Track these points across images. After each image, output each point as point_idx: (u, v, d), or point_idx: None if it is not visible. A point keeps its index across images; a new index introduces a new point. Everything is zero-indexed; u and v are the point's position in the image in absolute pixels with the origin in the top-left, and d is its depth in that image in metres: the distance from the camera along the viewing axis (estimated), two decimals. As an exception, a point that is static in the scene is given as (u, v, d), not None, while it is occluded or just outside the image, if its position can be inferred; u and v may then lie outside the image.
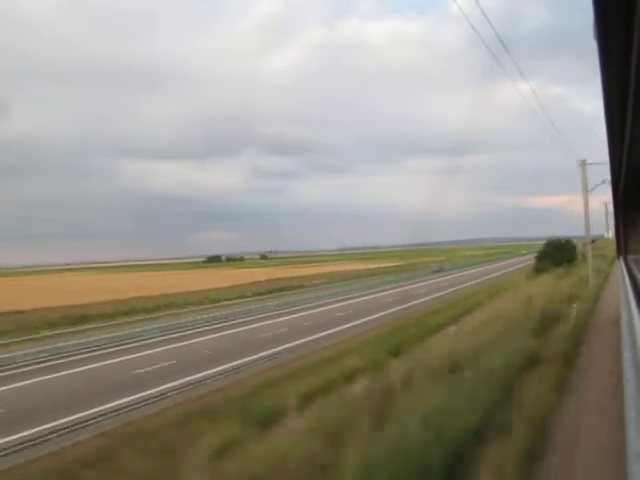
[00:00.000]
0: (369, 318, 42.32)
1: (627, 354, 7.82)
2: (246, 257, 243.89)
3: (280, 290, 75.57)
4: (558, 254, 58.87)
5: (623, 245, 46.26)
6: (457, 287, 64.84)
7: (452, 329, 26.08)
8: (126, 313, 56.69)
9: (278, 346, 32.58)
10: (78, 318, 52.50)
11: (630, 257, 37.84)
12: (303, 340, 34.33)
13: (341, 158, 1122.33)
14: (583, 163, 31.20)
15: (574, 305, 19.83)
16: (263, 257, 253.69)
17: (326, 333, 36.54)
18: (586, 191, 30.76)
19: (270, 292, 73.84)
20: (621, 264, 31.66)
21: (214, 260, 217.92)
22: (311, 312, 49.15)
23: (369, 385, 11.53)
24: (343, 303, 54.67)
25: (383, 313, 44.27)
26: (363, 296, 61.23)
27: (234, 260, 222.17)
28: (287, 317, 46.82)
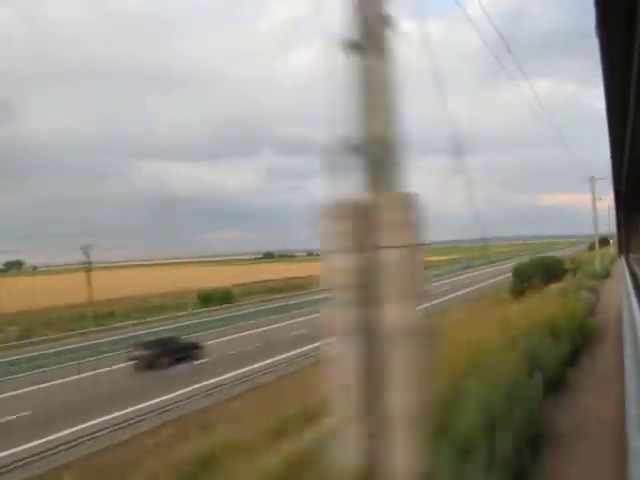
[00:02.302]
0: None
1: (628, 351, 7.33)
2: (296, 254, 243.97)
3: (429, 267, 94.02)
4: (601, 242, 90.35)
5: (625, 244, 44.39)
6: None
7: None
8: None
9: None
10: (277, 290, 64.10)
11: (632, 256, 36.11)
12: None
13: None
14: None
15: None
16: (310, 254, 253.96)
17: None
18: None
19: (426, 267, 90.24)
20: (623, 263, 29.95)
21: (269, 256, 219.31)
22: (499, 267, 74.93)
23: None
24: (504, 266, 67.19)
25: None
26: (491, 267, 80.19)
27: (286, 256, 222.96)
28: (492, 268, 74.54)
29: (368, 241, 3.44)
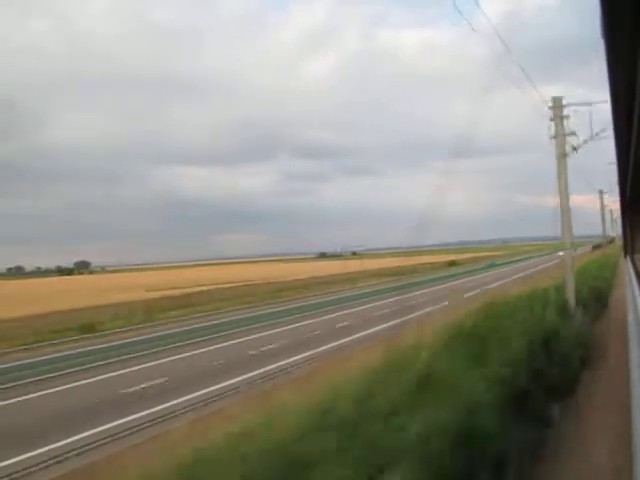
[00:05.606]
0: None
1: (634, 353, 6.72)
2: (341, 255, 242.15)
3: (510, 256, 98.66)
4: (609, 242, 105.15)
5: (630, 245, 41.80)
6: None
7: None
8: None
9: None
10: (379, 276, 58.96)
11: (637, 256, 33.63)
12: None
13: (374, 161, 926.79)
14: None
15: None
16: (353, 254, 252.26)
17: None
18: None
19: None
20: (628, 264, 28.02)
21: (323, 256, 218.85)
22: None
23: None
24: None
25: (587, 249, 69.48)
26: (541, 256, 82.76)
27: (335, 256, 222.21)
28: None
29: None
